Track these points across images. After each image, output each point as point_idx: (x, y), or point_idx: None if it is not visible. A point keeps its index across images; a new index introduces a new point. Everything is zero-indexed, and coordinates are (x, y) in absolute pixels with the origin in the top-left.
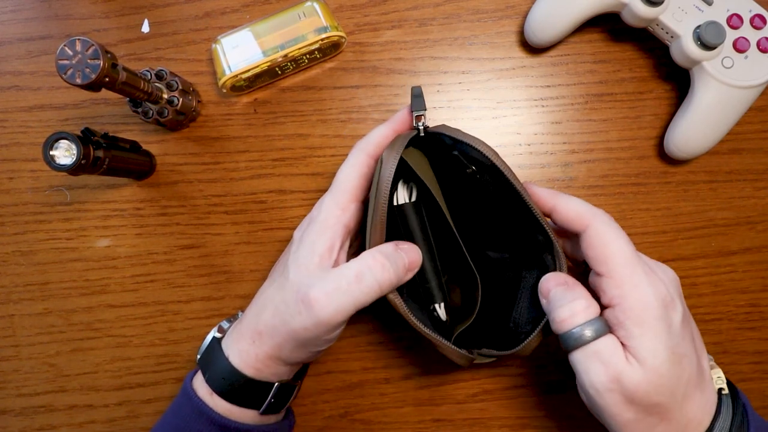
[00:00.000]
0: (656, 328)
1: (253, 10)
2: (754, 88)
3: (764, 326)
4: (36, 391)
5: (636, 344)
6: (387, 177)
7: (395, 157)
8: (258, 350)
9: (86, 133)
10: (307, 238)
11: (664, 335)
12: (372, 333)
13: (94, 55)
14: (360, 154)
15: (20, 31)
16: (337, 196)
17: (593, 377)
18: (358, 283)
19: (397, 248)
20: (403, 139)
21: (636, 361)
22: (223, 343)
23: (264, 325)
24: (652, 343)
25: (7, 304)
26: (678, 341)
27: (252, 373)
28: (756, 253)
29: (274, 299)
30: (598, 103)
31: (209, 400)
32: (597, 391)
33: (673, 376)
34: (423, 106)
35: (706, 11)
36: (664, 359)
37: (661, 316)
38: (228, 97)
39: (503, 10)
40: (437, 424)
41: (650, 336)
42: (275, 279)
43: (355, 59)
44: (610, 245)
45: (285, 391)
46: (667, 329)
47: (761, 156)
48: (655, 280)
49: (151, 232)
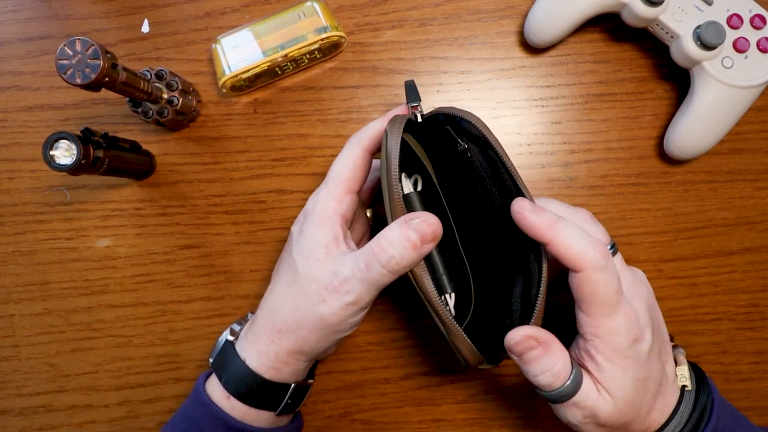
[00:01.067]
0: (625, 364)
1: (253, 10)
2: (754, 88)
3: (764, 326)
4: (36, 391)
5: (606, 377)
6: (394, 145)
7: (399, 127)
8: (278, 348)
9: (86, 133)
10: (307, 230)
11: (632, 369)
12: (372, 333)
13: (94, 55)
14: (354, 147)
15: (20, 31)
16: (332, 188)
17: (571, 419)
18: (368, 270)
19: (407, 226)
20: (402, 118)
21: (606, 393)
22: (237, 345)
23: (283, 322)
24: (621, 377)
25: (7, 304)
26: (644, 368)
27: (270, 374)
28: (756, 253)
29: (290, 295)
30: (598, 103)
31: (225, 403)
32: (574, 425)
33: (638, 400)
34: (417, 98)
35: (706, 11)
36: (630, 389)
37: (631, 355)
38: (228, 97)
39: (503, 10)
40: (437, 424)
41: (619, 371)
42: (281, 276)
43: (355, 59)
44: (597, 295)
45: (300, 392)
46: (635, 363)
47: (761, 156)
48: (630, 318)
49: (151, 232)
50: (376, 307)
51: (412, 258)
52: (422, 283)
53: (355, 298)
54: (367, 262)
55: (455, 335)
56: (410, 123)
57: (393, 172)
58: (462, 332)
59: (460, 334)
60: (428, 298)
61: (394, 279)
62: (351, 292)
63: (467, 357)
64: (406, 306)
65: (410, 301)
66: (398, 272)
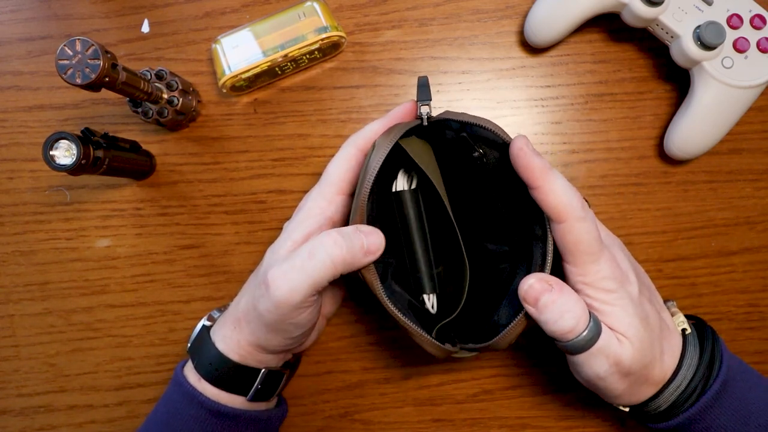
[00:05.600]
0: (622, 304)
1: (253, 10)
2: (754, 88)
3: (764, 326)
4: (36, 391)
5: (613, 320)
6: (375, 163)
7: (389, 144)
8: (239, 336)
9: (86, 133)
10: (288, 227)
11: (630, 307)
12: (372, 333)
13: (94, 55)
14: (350, 148)
15: (20, 31)
16: (323, 188)
17: (598, 370)
18: (310, 259)
19: (357, 230)
20: (402, 128)
21: (622, 336)
22: (211, 330)
23: (242, 312)
24: (625, 316)
25: (7, 304)
26: (640, 308)
27: (237, 358)
28: (756, 253)
29: (250, 286)
30: (598, 103)
31: (198, 385)
32: (600, 378)
33: (647, 338)
34: (429, 96)
35: (706, 11)
36: (639, 327)
37: (623, 295)
38: (228, 97)
39: (503, 10)
40: (437, 424)
41: (621, 311)
42: (258, 267)
43: (355, 59)
44: (581, 243)
45: (273, 379)
46: (631, 303)
47: (761, 156)
48: (613, 261)
49: (151, 232)
50: (377, 306)
51: (357, 259)
52: (373, 286)
53: (285, 293)
54: (312, 250)
55: (413, 335)
56: (416, 126)
57: (365, 187)
58: (419, 330)
59: (417, 332)
60: (380, 301)
61: (332, 278)
62: (282, 288)
63: (431, 352)
64: None
65: None
66: (339, 269)
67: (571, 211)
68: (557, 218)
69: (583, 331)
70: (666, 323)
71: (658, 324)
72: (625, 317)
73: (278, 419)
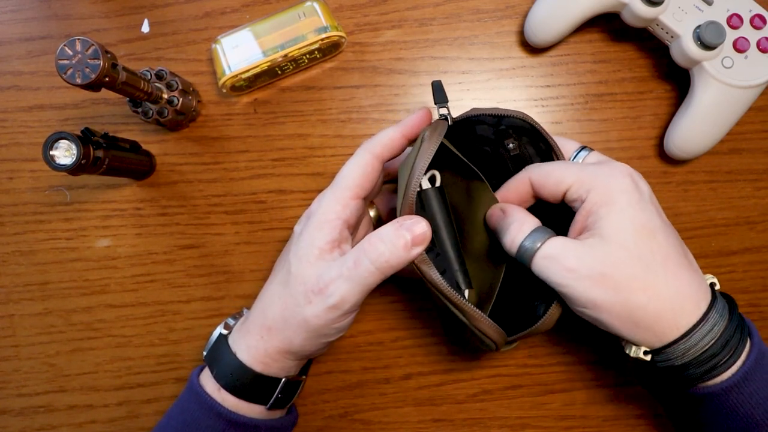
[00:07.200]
0: (622, 202)
1: (253, 10)
2: (754, 88)
3: (764, 326)
4: (36, 391)
5: (602, 224)
6: (428, 155)
7: (437, 138)
8: (267, 345)
9: (86, 133)
10: (306, 232)
11: (630, 209)
12: (372, 333)
13: (94, 55)
14: (365, 154)
15: (20, 31)
16: (338, 192)
17: (554, 276)
18: (356, 268)
19: (400, 227)
20: (443, 126)
21: (598, 240)
22: (230, 339)
23: (272, 320)
24: (617, 218)
25: (7, 304)
26: (650, 216)
27: (260, 368)
28: (756, 253)
29: (281, 294)
30: (598, 103)
31: (217, 395)
32: (565, 286)
33: (644, 248)
34: (445, 98)
35: (706, 11)
36: (629, 232)
37: (627, 189)
38: (228, 97)
39: (503, 10)
40: (437, 424)
41: (616, 211)
42: (277, 275)
43: (355, 59)
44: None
45: (291, 387)
46: (637, 202)
47: (761, 156)
48: (614, 167)
49: (151, 232)
50: (376, 306)
51: (401, 258)
52: (430, 276)
53: (338, 300)
54: (357, 259)
55: (475, 318)
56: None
57: (416, 178)
58: (481, 313)
59: (480, 315)
60: (439, 289)
61: (381, 280)
62: (334, 294)
63: (492, 337)
64: (406, 306)
65: (410, 301)
66: (386, 271)
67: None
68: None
69: (523, 241)
70: (693, 262)
71: (675, 246)
72: (617, 217)
73: (291, 426)
